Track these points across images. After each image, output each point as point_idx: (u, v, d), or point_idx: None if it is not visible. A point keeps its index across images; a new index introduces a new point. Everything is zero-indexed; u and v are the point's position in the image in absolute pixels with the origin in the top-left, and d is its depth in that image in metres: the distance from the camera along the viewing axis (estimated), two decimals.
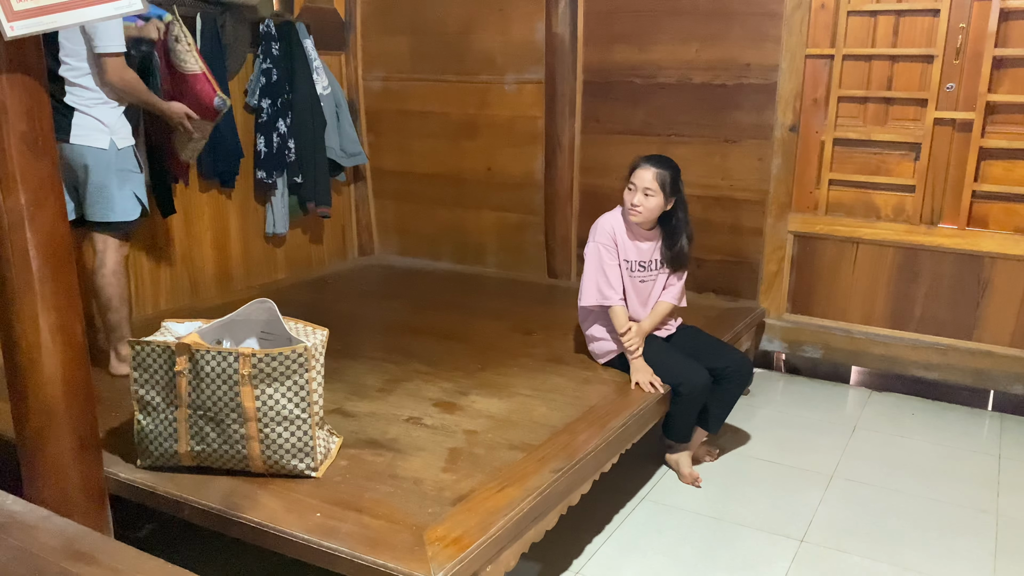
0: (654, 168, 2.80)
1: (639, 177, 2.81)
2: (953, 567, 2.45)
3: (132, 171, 2.81)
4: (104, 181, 2.74)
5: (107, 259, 2.80)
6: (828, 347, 3.76)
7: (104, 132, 2.72)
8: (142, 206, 2.84)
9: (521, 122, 4.31)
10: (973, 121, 3.34)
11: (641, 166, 2.82)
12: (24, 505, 1.78)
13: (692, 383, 2.76)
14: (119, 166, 2.75)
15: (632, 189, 2.82)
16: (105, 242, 2.81)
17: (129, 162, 2.79)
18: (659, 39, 3.86)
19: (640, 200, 2.80)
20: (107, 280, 2.81)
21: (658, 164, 2.81)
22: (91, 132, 2.70)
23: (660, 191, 2.79)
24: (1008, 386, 3.46)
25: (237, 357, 2.02)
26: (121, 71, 2.69)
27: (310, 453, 2.11)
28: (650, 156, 2.86)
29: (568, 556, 2.48)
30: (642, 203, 2.80)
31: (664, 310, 2.96)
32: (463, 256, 4.63)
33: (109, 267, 2.80)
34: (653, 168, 2.80)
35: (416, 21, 4.46)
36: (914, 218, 3.54)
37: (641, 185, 2.80)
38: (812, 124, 3.67)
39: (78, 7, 1.64)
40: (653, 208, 2.81)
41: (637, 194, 2.81)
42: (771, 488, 2.90)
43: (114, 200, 2.76)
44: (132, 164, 2.81)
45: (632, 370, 2.81)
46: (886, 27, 3.47)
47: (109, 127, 2.73)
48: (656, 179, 2.78)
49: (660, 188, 2.79)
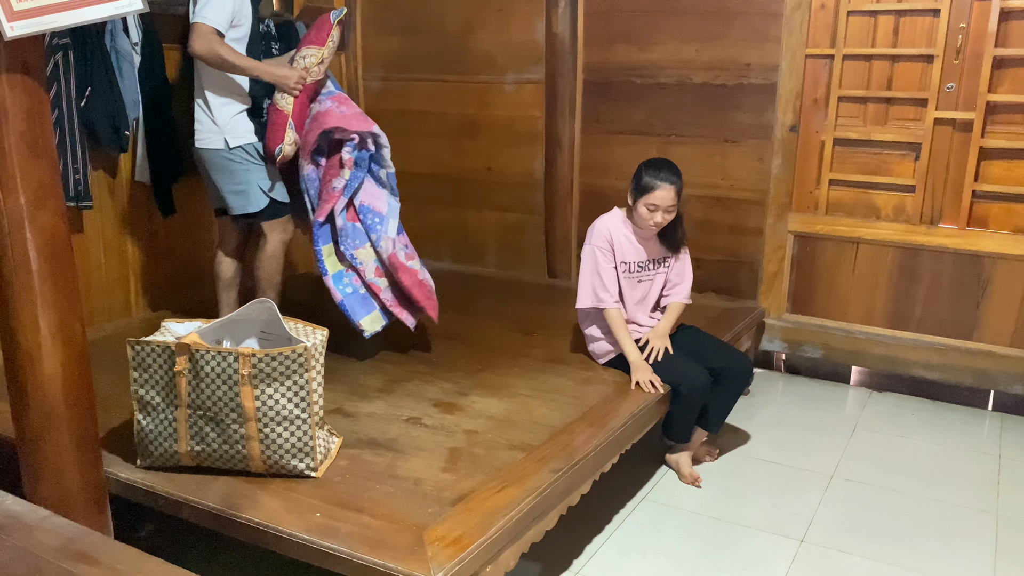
0: (674, 186, 2.74)
1: (661, 198, 2.73)
2: (953, 567, 2.45)
3: (251, 164, 2.98)
4: (223, 177, 2.99)
5: (266, 244, 3.07)
6: (828, 347, 3.76)
7: (217, 133, 2.94)
8: (268, 196, 3.01)
9: (521, 122, 4.31)
10: (973, 121, 3.34)
11: (660, 187, 2.72)
12: (24, 505, 1.78)
13: (692, 383, 2.76)
14: (235, 162, 2.96)
15: (653, 209, 2.75)
16: (264, 228, 3.06)
17: (246, 156, 2.97)
18: (659, 39, 3.86)
19: (662, 219, 2.77)
20: (261, 263, 3.08)
21: (675, 179, 2.74)
22: (207, 135, 2.96)
23: (677, 202, 2.78)
24: (1008, 386, 3.46)
25: (237, 357, 2.02)
26: (202, 41, 2.75)
27: (310, 453, 2.11)
28: (660, 170, 2.75)
29: (568, 556, 2.48)
30: (663, 220, 2.78)
31: (679, 310, 2.96)
32: (463, 256, 4.63)
33: (266, 252, 3.07)
34: (673, 186, 2.73)
35: (416, 21, 4.46)
36: (914, 218, 3.54)
37: (664, 205, 2.74)
38: (812, 124, 3.66)
39: (78, 7, 1.64)
40: (670, 219, 2.81)
41: (659, 213, 2.76)
42: (771, 488, 2.90)
43: (241, 193, 2.98)
44: (246, 157, 2.97)
45: (632, 369, 2.81)
46: (886, 27, 3.47)
47: (221, 127, 2.93)
48: (677, 195, 2.76)
49: (678, 199, 2.78)
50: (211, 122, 2.95)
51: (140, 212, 3.55)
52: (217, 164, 2.98)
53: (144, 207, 3.56)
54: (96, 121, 3.15)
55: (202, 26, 2.75)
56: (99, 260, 3.42)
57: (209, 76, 2.93)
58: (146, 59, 3.36)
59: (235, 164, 2.97)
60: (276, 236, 3.08)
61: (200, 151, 3.00)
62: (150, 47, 3.38)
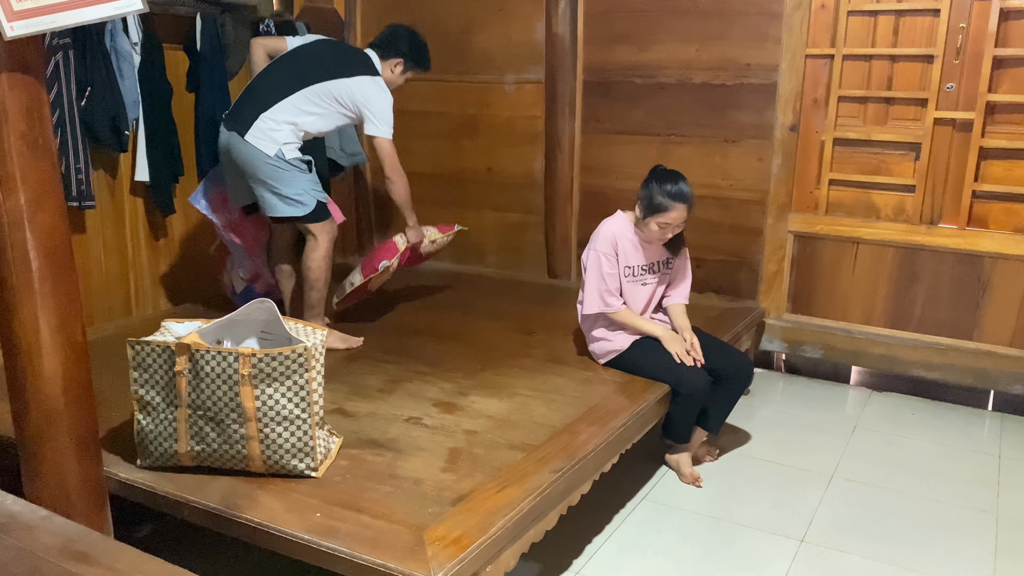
0: (687, 204, 2.73)
1: (674, 219, 2.74)
2: (953, 567, 2.45)
3: (296, 171, 3.00)
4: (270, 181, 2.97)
5: (320, 243, 3.07)
6: (828, 347, 3.76)
7: (273, 143, 2.96)
8: (316, 199, 3.04)
9: (521, 122, 4.31)
10: (973, 121, 3.34)
11: (674, 208, 2.72)
12: (24, 505, 1.78)
13: (692, 384, 2.76)
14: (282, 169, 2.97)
15: (664, 227, 2.76)
16: (313, 229, 3.07)
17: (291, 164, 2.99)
18: (659, 39, 3.86)
19: (672, 233, 2.80)
20: (317, 263, 3.09)
21: (687, 198, 2.73)
22: (262, 138, 2.95)
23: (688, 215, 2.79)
24: (1008, 386, 3.45)
25: (237, 357, 2.02)
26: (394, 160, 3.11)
27: (310, 453, 2.11)
28: (674, 190, 2.72)
29: (568, 556, 2.48)
30: (674, 233, 2.81)
31: (683, 311, 2.98)
32: (463, 256, 4.63)
33: (320, 252, 3.08)
34: (686, 205, 2.73)
35: (416, 21, 4.42)
36: (914, 218, 3.54)
37: (676, 223, 2.76)
38: (812, 124, 3.66)
39: (78, 7, 1.64)
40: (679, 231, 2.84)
41: (670, 230, 2.78)
42: (771, 488, 2.90)
43: (288, 197, 2.99)
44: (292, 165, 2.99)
45: (666, 342, 2.84)
46: (886, 27, 3.47)
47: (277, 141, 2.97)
48: (689, 211, 2.77)
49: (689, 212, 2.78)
50: (273, 130, 2.96)
51: (140, 212, 3.55)
52: (264, 168, 2.96)
53: (144, 207, 3.56)
54: (96, 121, 3.16)
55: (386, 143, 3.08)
56: (99, 260, 3.42)
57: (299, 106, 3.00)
58: (146, 59, 3.37)
59: (281, 171, 2.98)
60: (326, 236, 3.08)
61: (249, 146, 2.95)
62: (150, 47, 3.38)
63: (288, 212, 3.02)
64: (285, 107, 2.99)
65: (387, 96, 3.09)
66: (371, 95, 3.05)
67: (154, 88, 3.41)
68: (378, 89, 3.08)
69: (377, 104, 3.05)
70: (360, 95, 3.04)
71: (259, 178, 2.98)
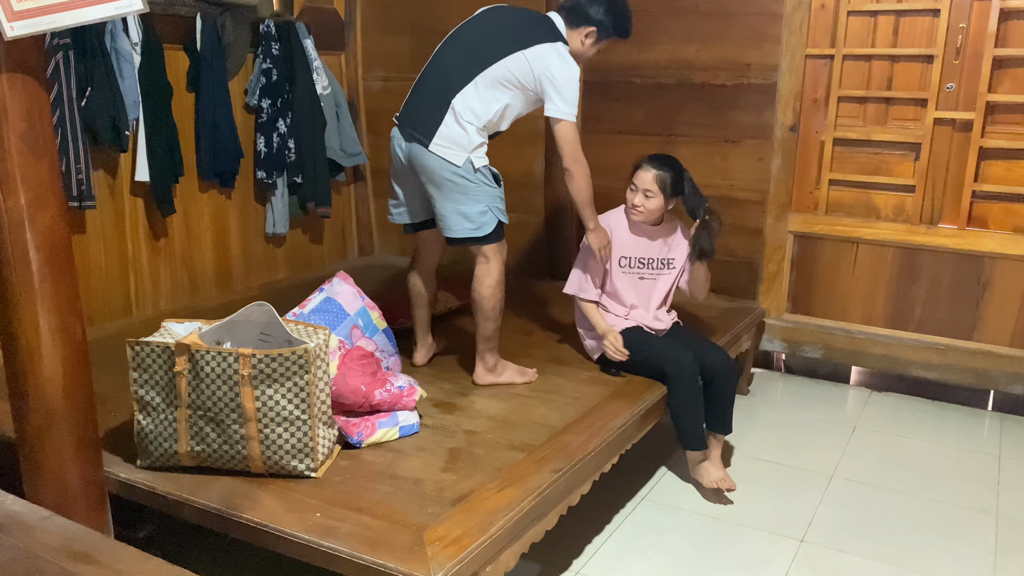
0: (655, 170, 2.82)
1: (640, 178, 2.85)
2: (953, 567, 2.45)
3: (484, 186, 2.67)
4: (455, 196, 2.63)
5: (492, 268, 2.71)
6: (828, 347, 3.76)
7: (462, 150, 2.61)
8: (499, 218, 2.72)
9: (521, 122, 4.27)
10: (973, 121, 3.34)
11: (643, 167, 2.86)
12: (24, 505, 1.78)
13: (677, 360, 2.74)
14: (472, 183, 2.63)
15: (634, 190, 2.87)
16: (489, 253, 2.71)
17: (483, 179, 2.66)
18: (659, 39, 3.86)
19: (640, 201, 2.85)
20: (491, 290, 2.71)
21: (659, 166, 2.83)
22: (449, 146, 2.60)
23: (660, 192, 2.81)
24: (1008, 386, 3.45)
25: (237, 358, 2.02)
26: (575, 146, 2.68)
27: (310, 454, 2.11)
28: (654, 157, 2.88)
29: (568, 556, 2.48)
30: (643, 204, 2.85)
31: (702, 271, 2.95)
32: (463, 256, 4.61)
33: (494, 277, 2.71)
34: (654, 170, 2.83)
35: (416, 21, 4.45)
36: (914, 218, 3.54)
37: (642, 187, 2.84)
38: (812, 124, 3.67)
39: (78, 7, 1.64)
40: (653, 209, 2.84)
41: (638, 195, 2.86)
42: (771, 488, 2.90)
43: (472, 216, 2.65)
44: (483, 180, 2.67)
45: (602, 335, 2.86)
46: (886, 27, 3.47)
47: (466, 147, 2.61)
48: (656, 181, 2.80)
49: (660, 190, 2.81)
50: (461, 135, 2.60)
51: (140, 212, 3.55)
52: (451, 181, 2.60)
53: (144, 207, 3.56)
54: (96, 121, 3.15)
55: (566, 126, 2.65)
56: (99, 260, 3.42)
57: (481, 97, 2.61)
58: (146, 59, 3.36)
59: (470, 183, 2.62)
60: (499, 260, 2.73)
61: (434, 158, 2.59)
62: (150, 47, 3.38)
63: (469, 234, 2.66)
64: (462, 103, 2.59)
65: (574, 69, 2.60)
66: (555, 67, 2.56)
67: (154, 88, 3.41)
68: (563, 60, 2.58)
69: (562, 78, 2.57)
70: (541, 67, 2.57)
71: (444, 193, 2.61)
